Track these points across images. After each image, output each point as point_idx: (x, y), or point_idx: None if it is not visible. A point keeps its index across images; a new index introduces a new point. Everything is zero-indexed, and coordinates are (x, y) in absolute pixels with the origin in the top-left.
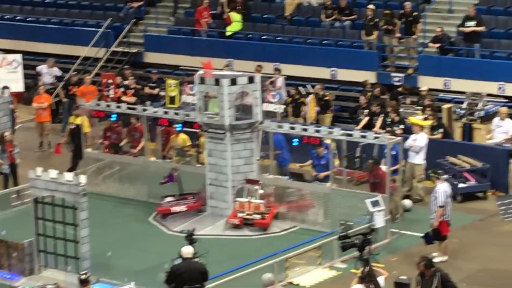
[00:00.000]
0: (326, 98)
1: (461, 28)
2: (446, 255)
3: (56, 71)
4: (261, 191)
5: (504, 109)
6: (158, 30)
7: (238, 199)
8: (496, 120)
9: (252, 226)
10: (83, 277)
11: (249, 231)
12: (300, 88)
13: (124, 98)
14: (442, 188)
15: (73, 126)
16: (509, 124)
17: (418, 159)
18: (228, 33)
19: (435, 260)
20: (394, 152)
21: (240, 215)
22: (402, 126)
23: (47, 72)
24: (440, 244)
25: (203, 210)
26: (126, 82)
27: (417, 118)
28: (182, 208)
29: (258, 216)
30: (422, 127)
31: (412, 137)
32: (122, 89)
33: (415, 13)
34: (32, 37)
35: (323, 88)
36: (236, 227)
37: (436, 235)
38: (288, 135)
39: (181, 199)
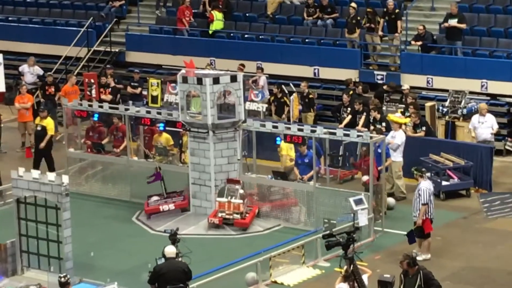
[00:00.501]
0: (311, 96)
1: (443, 24)
2: (429, 253)
3: (38, 70)
4: (241, 191)
5: (483, 105)
6: (140, 29)
7: (218, 199)
8: (476, 117)
9: (232, 225)
10: (62, 279)
11: (232, 231)
12: (283, 87)
13: (102, 96)
14: (425, 186)
15: (39, 128)
16: (492, 119)
17: (396, 156)
18: (210, 31)
19: (419, 258)
20: (379, 150)
21: (220, 214)
22: (384, 124)
23: (29, 71)
24: (422, 242)
25: (187, 209)
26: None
27: (395, 116)
28: (171, 206)
29: (237, 216)
30: (400, 125)
31: (390, 134)
32: (107, 89)
33: (397, 11)
34: (13, 37)
35: (308, 86)
36: (216, 226)
37: (419, 233)
38: (271, 133)
39: (168, 197)
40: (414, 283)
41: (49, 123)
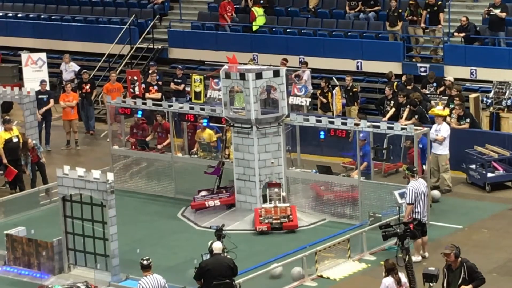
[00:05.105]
0: (355, 89)
1: (485, 9)
2: (419, 255)
3: (74, 66)
4: (283, 194)
5: None
6: (182, 26)
7: (263, 205)
8: None
9: (280, 229)
10: (145, 262)
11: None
12: (334, 79)
13: (150, 95)
14: (412, 186)
15: (15, 140)
16: None
17: (442, 149)
18: (254, 28)
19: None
20: (423, 146)
21: (266, 220)
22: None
23: (65, 68)
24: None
25: (234, 205)
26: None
27: (438, 109)
28: (216, 202)
29: (285, 220)
30: (444, 118)
31: (434, 127)
32: (155, 87)
33: (439, 3)
34: (56, 36)
35: (352, 80)
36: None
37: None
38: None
39: (215, 193)
40: (458, 277)
41: (18, 132)
